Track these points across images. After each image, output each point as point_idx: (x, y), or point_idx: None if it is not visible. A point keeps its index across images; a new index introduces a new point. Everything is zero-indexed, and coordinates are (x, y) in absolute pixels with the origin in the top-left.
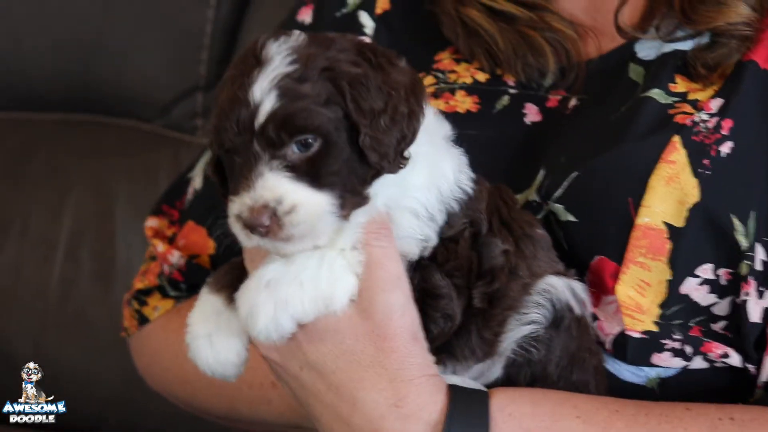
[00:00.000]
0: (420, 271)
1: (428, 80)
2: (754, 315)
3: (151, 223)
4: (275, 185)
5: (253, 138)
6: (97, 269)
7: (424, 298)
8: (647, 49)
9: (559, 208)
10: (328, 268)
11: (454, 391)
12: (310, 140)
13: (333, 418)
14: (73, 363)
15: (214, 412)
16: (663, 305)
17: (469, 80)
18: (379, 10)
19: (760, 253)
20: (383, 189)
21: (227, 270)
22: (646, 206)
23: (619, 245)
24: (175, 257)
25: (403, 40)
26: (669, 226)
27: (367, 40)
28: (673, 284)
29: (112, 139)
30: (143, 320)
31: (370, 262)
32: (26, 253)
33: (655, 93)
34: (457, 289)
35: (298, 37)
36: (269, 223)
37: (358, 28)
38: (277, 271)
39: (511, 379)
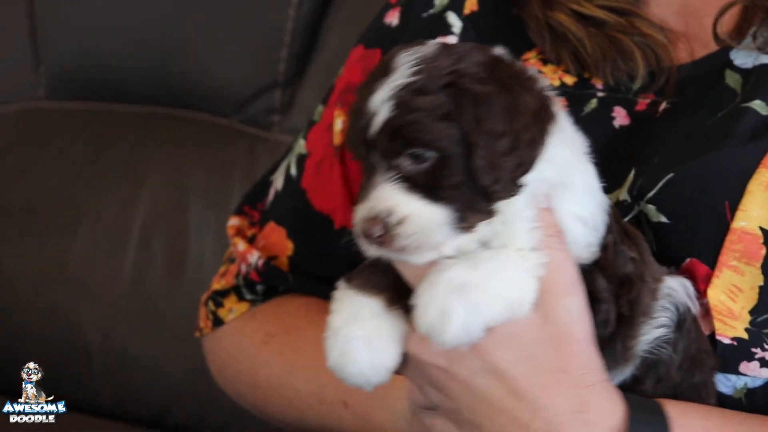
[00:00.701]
0: (584, 275)
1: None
2: None
3: (233, 222)
4: (387, 196)
5: (371, 147)
6: (168, 261)
7: (589, 302)
8: (743, 57)
9: (651, 208)
10: (515, 272)
11: (628, 397)
12: (425, 153)
13: (508, 423)
14: (141, 353)
15: (283, 420)
16: (753, 311)
17: (557, 83)
18: (467, 11)
19: None
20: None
21: (372, 270)
22: (743, 210)
23: (713, 248)
24: (254, 257)
25: (489, 39)
26: (765, 231)
27: (499, 52)
28: (766, 291)
29: (189, 132)
30: (218, 322)
31: (551, 266)
32: (99, 243)
33: (757, 104)
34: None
35: (430, 47)
36: (381, 233)
37: (446, 28)
38: (466, 273)
39: (638, 381)
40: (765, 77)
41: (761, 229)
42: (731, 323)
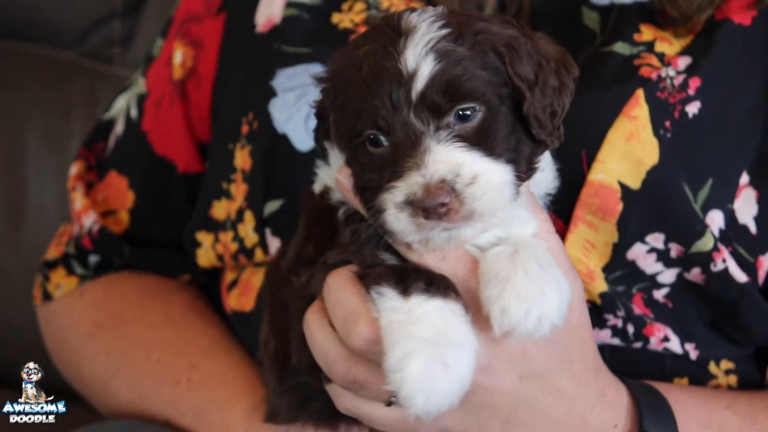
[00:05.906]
0: None
1: (359, 6)
2: (740, 275)
3: (74, 170)
4: (449, 157)
5: (410, 111)
6: (6, 211)
7: None
8: None
9: None
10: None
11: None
12: (473, 109)
13: (546, 422)
14: None
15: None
16: (606, 269)
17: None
18: None
19: (718, 220)
20: None
21: (427, 271)
22: (600, 161)
23: (568, 202)
24: (90, 219)
25: None
26: (623, 186)
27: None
28: (619, 248)
29: (25, 68)
30: (47, 296)
31: (554, 252)
32: None
33: (618, 47)
34: None
35: (436, 9)
36: (449, 200)
37: None
38: (539, 254)
39: None
40: (624, 18)
41: (620, 183)
42: (587, 285)
